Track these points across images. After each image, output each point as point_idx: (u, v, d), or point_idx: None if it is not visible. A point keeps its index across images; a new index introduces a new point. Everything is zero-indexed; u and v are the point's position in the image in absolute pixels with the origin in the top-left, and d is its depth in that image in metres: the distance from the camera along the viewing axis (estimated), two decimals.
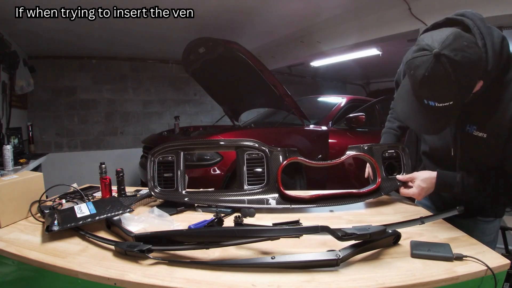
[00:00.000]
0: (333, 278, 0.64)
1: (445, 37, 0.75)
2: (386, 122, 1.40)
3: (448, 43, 0.74)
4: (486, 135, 0.89)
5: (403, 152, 1.18)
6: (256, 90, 3.15)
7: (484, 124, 0.89)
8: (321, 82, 6.76)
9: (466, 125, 0.93)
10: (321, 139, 2.91)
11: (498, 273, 0.67)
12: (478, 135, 0.90)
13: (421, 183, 1.03)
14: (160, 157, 1.17)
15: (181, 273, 0.66)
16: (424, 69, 0.76)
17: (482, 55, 0.77)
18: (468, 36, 0.78)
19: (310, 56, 4.37)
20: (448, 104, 0.79)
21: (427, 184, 1.02)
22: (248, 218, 1.02)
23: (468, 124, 0.92)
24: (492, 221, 1.07)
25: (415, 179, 1.05)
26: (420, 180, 1.03)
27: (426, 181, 1.02)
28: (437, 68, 0.74)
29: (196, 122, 5.34)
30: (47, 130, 4.45)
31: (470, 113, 0.91)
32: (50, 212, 0.95)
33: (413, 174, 1.08)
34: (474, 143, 0.92)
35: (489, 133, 0.89)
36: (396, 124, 1.34)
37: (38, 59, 4.16)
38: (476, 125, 0.90)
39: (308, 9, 3.16)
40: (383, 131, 1.37)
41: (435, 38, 0.77)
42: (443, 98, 0.79)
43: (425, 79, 0.77)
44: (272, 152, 1.15)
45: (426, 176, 1.02)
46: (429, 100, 0.80)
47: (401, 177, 1.12)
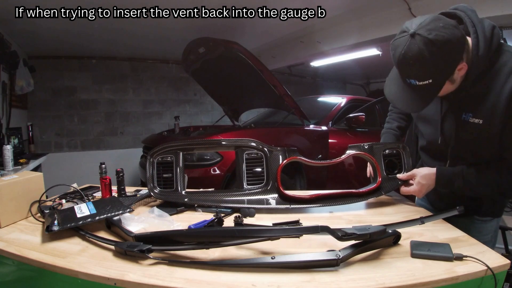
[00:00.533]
0: (333, 278, 0.64)
1: (423, 20, 0.81)
2: (385, 123, 1.41)
3: (424, 24, 0.80)
4: (482, 121, 0.91)
5: (404, 150, 1.18)
6: (256, 90, 3.15)
7: (479, 111, 0.91)
8: (321, 82, 6.76)
9: (462, 114, 0.95)
10: (321, 139, 2.91)
11: (498, 273, 0.67)
12: (474, 121, 0.92)
13: (421, 180, 1.03)
14: (159, 157, 1.17)
15: (181, 273, 0.66)
16: (401, 48, 0.82)
17: (460, 37, 0.81)
18: (448, 20, 0.82)
19: (310, 56, 4.36)
20: (427, 82, 0.83)
21: (427, 181, 1.02)
22: (248, 218, 1.02)
23: (464, 112, 0.94)
24: (489, 221, 1.06)
25: (415, 176, 1.05)
26: (420, 177, 1.03)
27: (425, 178, 1.02)
28: (412, 46, 0.80)
29: (196, 122, 5.34)
30: (47, 130, 4.45)
31: (465, 101, 0.93)
32: (50, 212, 0.95)
33: (413, 171, 1.08)
34: (471, 131, 0.93)
35: (484, 119, 0.90)
36: (395, 124, 1.34)
37: (38, 59, 4.16)
38: (471, 112, 0.92)
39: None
40: (382, 132, 1.37)
41: (414, 22, 0.82)
42: (421, 76, 0.83)
43: (401, 57, 0.82)
44: (272, 152, 1.15)
45: (425, 173, 1.02)
46: (410, 78, 0.85)
47: (401, 176, 1.12)
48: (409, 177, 1.09)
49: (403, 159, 1.18)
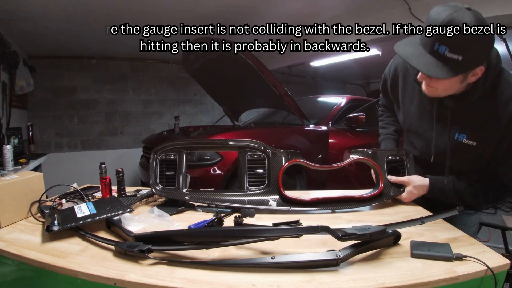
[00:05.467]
0: (333, 278, 0.64)
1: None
2: (380, 129, 1.40)
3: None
4: (476, 143, 0.93)
5: (407, 157, 1.18)
6: (256, 90, 3.15)
7: (474, 133, 0.93)
8: (321, 82, 6.76)
9: (455, 134, 0.97)
10: (321, 139, 2.91)
11: (498, 273, 0.67)
12: (468, 143, 0.94)
13: (413, 190, 1.09)
14: (163, 155, 1.18)
15: (181, 273, 0.66)
16: (449, 13, 0.76)
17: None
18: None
19: (310, 56, 4.37)
20: (456, 57, 0.77)
21: (419, 191, 1.08)
22: (248, 218, 1.02)
23: (457, 132, 0.96)
24: (473, 214, 1.12)
25: (408, 185, 1.10)
26: (413, 187, 1.09)
27: (418, 188, 1.08)
28: (466, 15, 0.75)
29: (196, 122, 5.34)
30: (47, 130, 4.45)
31: (461, 122, 0.96)
32: (50, 212, 0.95)
33: (406, 178, 1.11)
34: (463, 151, 0.97)
35: (478, 142, 0.93)
36: (392, 128, 1.34)
37: (38, 59, 4.16)
38: (466, 134, 0.94)
39: (308, 9, 3.16)
40: (380, 139, 1.36)
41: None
42: (456, 47, 0.77)
43: (447, 20, 0.76)
44: (276, 154, 1.15)
45: (419, 184, 1.07)
46: (443, 44, 0.78)
47: (394, 179, 1.13)
48: (400, 182, 1.12)
49: (406, 165, 1.17)
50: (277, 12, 3.19)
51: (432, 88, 0.90)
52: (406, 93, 1.11)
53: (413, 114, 1.10)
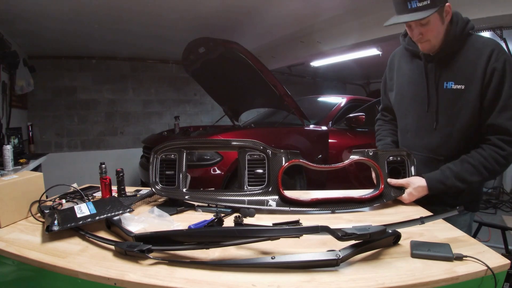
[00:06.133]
0: (333, 278, 0.64)
1: None
2: (378, 141, 1.40)
3: None
4: (463, 86, 1.04)
5: (409, 158, 1.17)
6: (256, 90, 3.15)
7: (460, 77, 1.05)
8: (321, 82, 6.76)
9: (444, 83, 1.07)
10: (321, 139, 2.91)
11: (498, 273, 0.67)
12: (457, 88, 1.05)
13: (413, 191, 1.10)
14: (163, 154, 1.18)
15: (181, 273, 0.66)
16: None
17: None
18: None
19: (310, 56, 4.37)
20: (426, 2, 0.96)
21: (419, 193, 1.10)
22: (248, 218, 1.02)
23: (445, 82, 1.07)
24: (464, 214, 1.13)
25: (408, 186, 1.11)
26: (413, 189, 1.10)
27: (418, 190, 1.09)
28: None
29: (196, 122, 5.34)
30: (47, 130, 4.45)
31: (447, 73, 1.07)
32: (50, 212, 0.95)
33: (405, 180, 1.12)
34: (453, 98, 1.06)
35: (466, 84, 1.03)
36: (389, 139, 1.35)
37: (38, 59, 4.16)
38: (453, 80, 1.06)
39: (308, 9, 3.16)
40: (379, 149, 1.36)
41: None
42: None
43: None
44: (275, 154, 1.15)
45: (418, 185, 1.09)
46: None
47: (393, 183, 1.13)
48: (400, 185, 1.12)
49: (407, 166, 1.17)
50: (277, 12, 3.19)
51: (426, 42, 1.06)
52: (401, 70, 1.25)
53: (406, 82, 1.21)
